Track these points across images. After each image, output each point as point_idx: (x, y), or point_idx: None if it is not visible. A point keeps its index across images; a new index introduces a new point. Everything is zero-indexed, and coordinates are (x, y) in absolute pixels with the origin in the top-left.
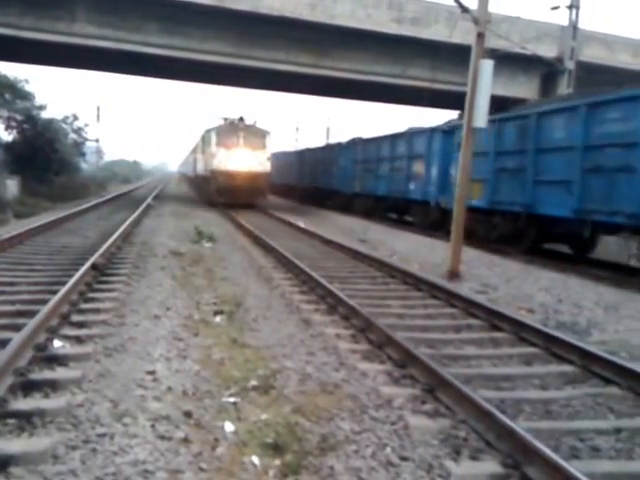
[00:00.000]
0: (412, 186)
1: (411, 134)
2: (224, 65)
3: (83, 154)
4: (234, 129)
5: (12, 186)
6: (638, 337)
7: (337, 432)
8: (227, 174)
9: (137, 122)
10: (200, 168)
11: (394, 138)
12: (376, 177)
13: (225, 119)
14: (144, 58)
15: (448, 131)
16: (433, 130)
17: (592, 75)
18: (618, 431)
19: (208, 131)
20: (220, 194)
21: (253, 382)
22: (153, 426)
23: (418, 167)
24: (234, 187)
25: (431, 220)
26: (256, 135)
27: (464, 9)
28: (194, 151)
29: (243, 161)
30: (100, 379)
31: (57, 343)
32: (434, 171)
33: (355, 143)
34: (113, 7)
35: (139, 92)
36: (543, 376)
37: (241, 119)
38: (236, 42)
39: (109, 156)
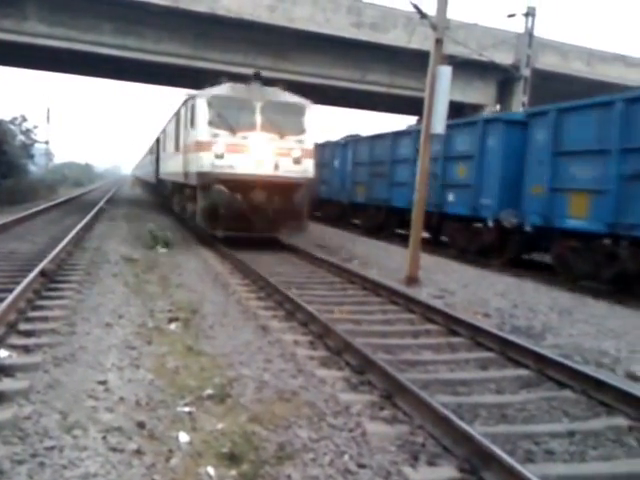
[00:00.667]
0: (451, 197)
1: (450, 127)
2: (180, 67)
3: (32, 156)
4: (245, 95)
5: None
6: (591, 341)
7: (294, 440)
8: (231, 183)
9: (89, 124)
10: (171, 170)
11: (419, 134)
12: (390, 184)
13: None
14: (97, 58)
15: (517, 122)
16: (490, 121)
17: (547, 82)
18: (572, 434)
19: (190, 99)
20: (214, 219)
21: (209, 391)
22: (104, 438)
23: (461, 171)
24: (244, 209)
25: (482, 243)
26: (287, 108)
27: (423, 15)
28: (156, 146)
29: (263, 158)
30: (49, 390)
31: (2, 353)
32: (492, 177)
33: (356, 141)
34: (65, 6)
35: (92, 93)
36: (499, 380)
37: (257, 76)
38: (192, 44)
39: (59, 158)
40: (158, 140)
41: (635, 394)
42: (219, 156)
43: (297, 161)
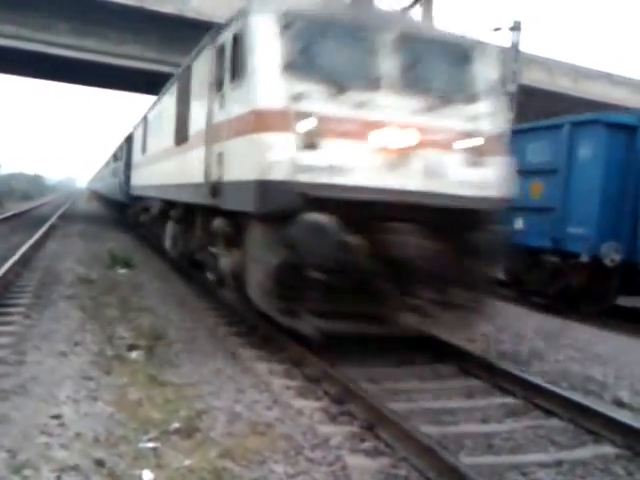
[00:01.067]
0: (519, 223)
1: (519, 132)
2: (144, 71)
3: None
4: (359, 20)
5: None
6: (578, 366)
7: (270, 476)
8: (341, 207)
9: (40, 131)
10: (160, 180)
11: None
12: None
13: None
14: (52, 60)
15: (623, 125)
16: (582, 124)
17: (530, 99)
18: (559, 464)
19: (230, 25)
20: (298, 294)
21: (175, 424)
22: (59, 478)
23: (535, 190)
24: (368, 268)
25: (565, 284)
26: (445, 51)
27: None
28: (126, 148)
29: (405, 153)
30: None
31: None
32: (588, 198)
33: None
34: (15, 2)
35: (43, 98)
36: (484, 409)
37: None
38: (157, 47)
39: (5, 169)
40: (129, 139)
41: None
42: (310, 145)
43: (477, 161)
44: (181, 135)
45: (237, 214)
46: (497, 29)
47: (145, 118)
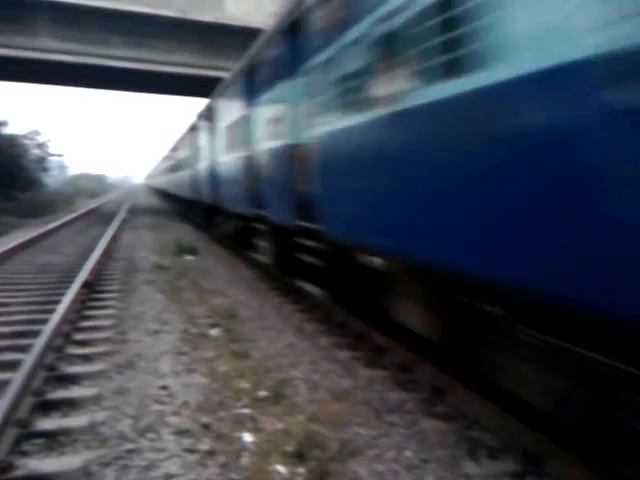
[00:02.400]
0: None
1: None
2: (189, 76)
3: (46, 169)
4: None
5: None
6: None
7: (356, 438)
8: None
9: (101, 135)
10: None
11: None
12: None
13: None
14: (109, 71)
15: None
16: None
17: None
18: None
19: None
20: None
21: (263, 392)
22: (177, 440)
23: None
24: None
25: None
26: None
27: None
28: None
29: None
30: (117, 396)
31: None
32: None
33: None
34: (75, 21)
35: (101, 105)
36: None
37: None
38: (201, 53)
39: (73, 170)
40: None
41: None
42: None
43: None
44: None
45: None
46: None
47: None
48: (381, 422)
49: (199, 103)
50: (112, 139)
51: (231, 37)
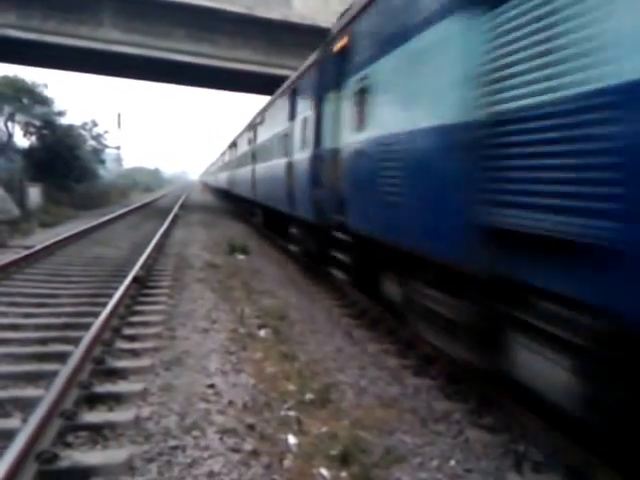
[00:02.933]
0: None
1: None
2: (252, 73)
3: (103, 161)
4: None
5: (34, 194)
6: None
7: (400, 445)
8: None
9: (157, 129)
10: None
11: None
12: None
13: None
14: (170, 65)
15: None
16: None
17: None
18: None
19: None
20: None
21: (309, 395)
22: (222, 439)
23: None
24: None
25: None
26: None
27: None
28: None
29: None
30: (163, 392)
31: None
32: None
33: None
34: (140, 13)
35: (158, 98)
36: None
37: None
38: (265, 50)
39: (128, 163)
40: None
41: None
42: None
43: None
44: None
45: None
46: None
47: None
48: (427, 430)
49: (261, 101)
50: (170, 134)
51: (297, 35)
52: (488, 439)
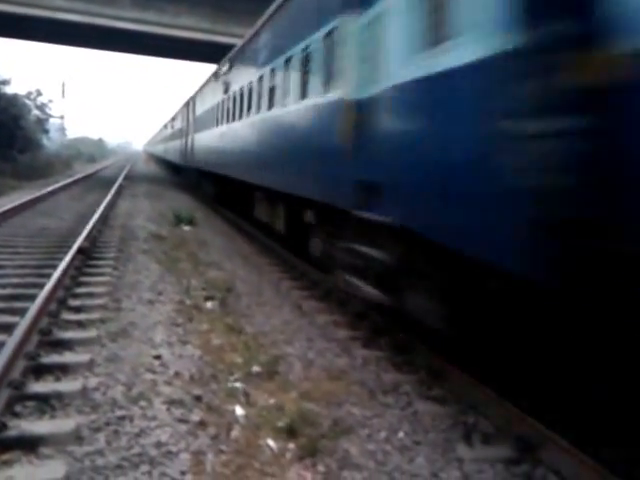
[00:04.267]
0: None
1: None
2: (198, 41)
3: (46, 131)
4: None
5: None
6: None
7: (348, 417)
8: None
9: (101, 98)
10: None
11: None
12: None
13: None
14: (116, 33)
15: None
16: None
17: None
18: None
19: None
20: None
21: (256, 368)
22: (169, 409)
23: None
24: None
25: None
26: None
27: None
28: None
29: None
30: (109, 363)
31: None
32: None
33: None
34: None
35: (103, 67)
36: None
37: None
38: (212, 17)
39: (72, 133)
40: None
41: None
42: None
43: None
44: None
45: None
46: None
47: None
48: (375, 402)
49: (207, 69)
50: (114, 103)
51: (244, 2)
52: (437, 410)
